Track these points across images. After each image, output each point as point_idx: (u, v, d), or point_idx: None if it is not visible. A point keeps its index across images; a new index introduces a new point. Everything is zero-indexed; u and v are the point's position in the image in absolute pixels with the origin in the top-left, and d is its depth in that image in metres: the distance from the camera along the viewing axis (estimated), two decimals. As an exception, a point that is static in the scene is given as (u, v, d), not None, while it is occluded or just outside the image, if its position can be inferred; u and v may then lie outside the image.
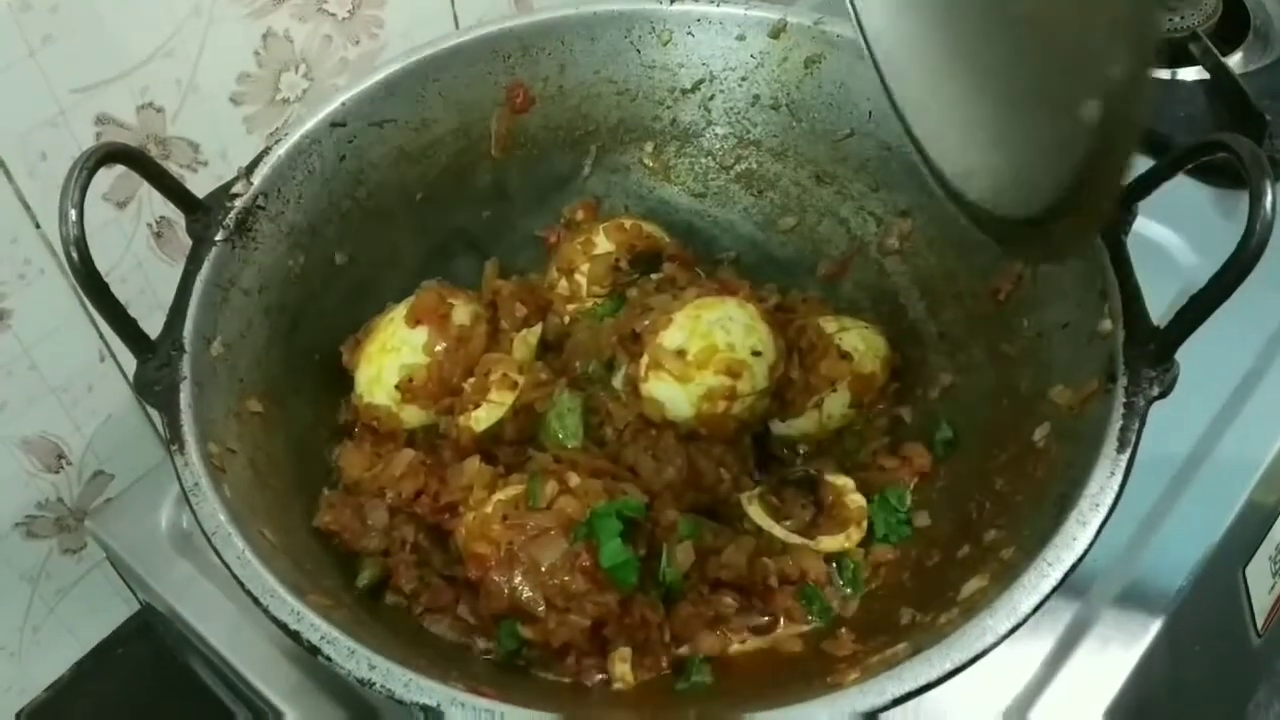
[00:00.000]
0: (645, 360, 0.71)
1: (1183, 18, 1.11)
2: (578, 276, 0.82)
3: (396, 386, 0.73)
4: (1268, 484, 0.83)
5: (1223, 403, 0.86)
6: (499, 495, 0.67)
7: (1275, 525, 0.86)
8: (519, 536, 0.63)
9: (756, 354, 0.71)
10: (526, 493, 0.66)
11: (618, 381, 0.74)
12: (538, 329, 0.79)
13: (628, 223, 0.84)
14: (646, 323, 0.73)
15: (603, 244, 0.82)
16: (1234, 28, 1.14)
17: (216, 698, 0.84)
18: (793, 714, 0.51)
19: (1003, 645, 0.53)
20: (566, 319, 0.80)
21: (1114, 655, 0.74)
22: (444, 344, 0.74)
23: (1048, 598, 0.54)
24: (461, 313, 0.76)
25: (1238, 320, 0.81)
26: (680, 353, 0.70)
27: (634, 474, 0.70)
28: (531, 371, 0.74)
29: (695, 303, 0.73)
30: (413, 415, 0.74)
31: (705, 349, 0.70)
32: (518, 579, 0.63)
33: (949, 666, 0.52)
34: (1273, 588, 0.87)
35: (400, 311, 0.76)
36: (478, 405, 0.73)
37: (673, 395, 0.70)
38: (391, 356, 0.74)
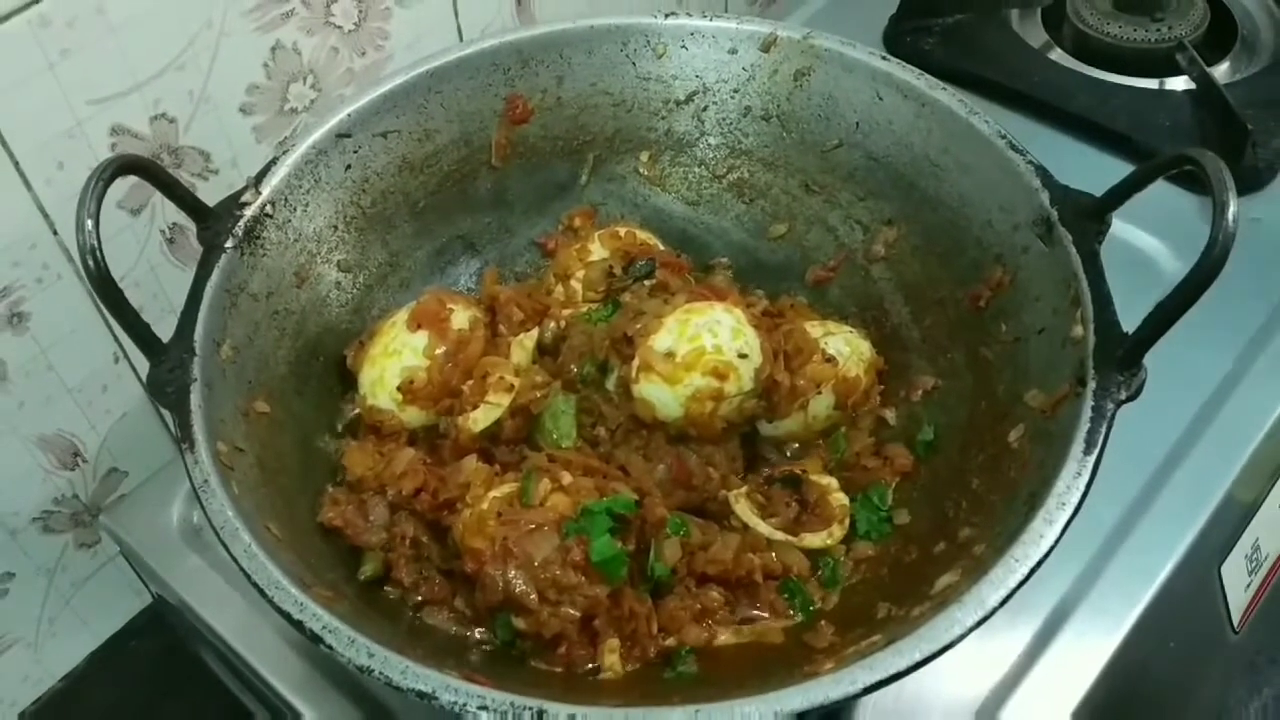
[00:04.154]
0: (636, 362, 0.73)
1: (1170, 28, 1.13)
2: (573, 282, 0.84)
3: (398, 388, 0.76)
4: (1244, 483, 0.85)
5: (1201, 404, 0.88)
6: (495, 493, 0.69)
7: (1251, 524, 0.88)
8: (513, 532, 0.66)
9: (743, 356, 0.73)
10: (521, 490, 0.69)
11: (611, 384, 0.76)
12: (534, 333, 0.81)
13: (622, 230, 0.86)
14: (638, 326, 0.75)
15: (597, 251, 0.85)
16: (1222, 37, 1.15)
17: (225, 688, 0.87)
18: (769, 701, 0.54)
19: (979, 639, 0.56)
20: (562, 323, 0.82)
21: (1088, 651, 0.76)
22: (444, 347, 0.76)
23: (1014, 592, 0.56)
24: (461, 317, 0.78)
25: (1217, 324, 0.83)
26: (669, 355, 0.72)
27: (625, 473, 0.73)
28: (528, 374, 0.77)
29: (685, 307, 0.75)
30: (413, 416, 0.77)
31: (693, 351, 0.72)
32: (512, 573, 0.65)
33: (918, 657, 0.54)
34: (1249, 586, 0.89)
35: (402, 316, 0.78)
36: (476, 406, 0.75)
37: (662, 396, 0.72)
38: (393, 359, 0.76)
